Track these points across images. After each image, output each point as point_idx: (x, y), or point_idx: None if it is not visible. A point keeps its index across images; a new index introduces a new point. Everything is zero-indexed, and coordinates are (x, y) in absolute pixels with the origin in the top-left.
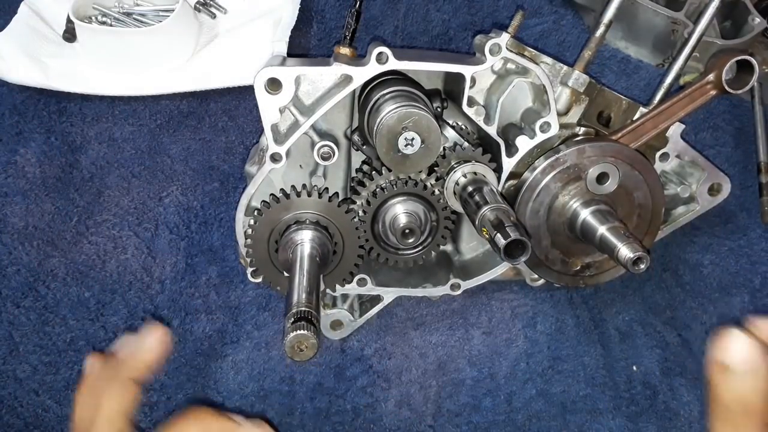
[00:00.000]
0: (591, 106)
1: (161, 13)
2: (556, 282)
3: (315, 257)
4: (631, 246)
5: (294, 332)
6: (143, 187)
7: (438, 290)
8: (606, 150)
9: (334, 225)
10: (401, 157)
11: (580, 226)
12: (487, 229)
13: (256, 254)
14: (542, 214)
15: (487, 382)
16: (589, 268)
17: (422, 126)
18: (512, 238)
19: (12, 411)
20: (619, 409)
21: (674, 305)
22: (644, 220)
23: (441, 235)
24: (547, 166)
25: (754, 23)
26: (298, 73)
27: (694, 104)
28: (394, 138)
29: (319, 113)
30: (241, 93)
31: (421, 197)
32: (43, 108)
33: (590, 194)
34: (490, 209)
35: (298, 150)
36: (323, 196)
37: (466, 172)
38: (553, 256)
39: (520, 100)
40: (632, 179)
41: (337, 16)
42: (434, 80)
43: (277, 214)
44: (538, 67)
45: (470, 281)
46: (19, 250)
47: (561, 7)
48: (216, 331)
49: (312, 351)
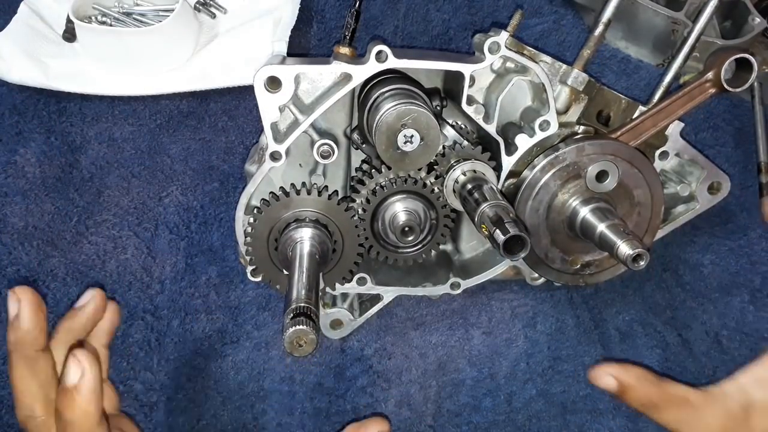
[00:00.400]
0: (590, 105)
1: (161, 13)
2: (556, 280)
3: (314, 255)
4: (630, 243)
5: (293, 327)
6: (143, 187)
7: (438, 289)
8: (605, 148)
9: (333, 223)
10: (400, 154)
11: (580, 224)
12: (486, 225)
13: (256, 253)
14: (542, 212)
15: (487, 382)
16: (589, 266)
17: (421, 123)
18: (511, 233)
19: (12, 411)
20: (619, 410)
21: (674, 305)
22: (644, 218)
23: (440, 234)
24: (547, 164)
25: (754, 23)
26: (297, 71)
27: (693, 102)
28: (393, 135)
29: (318, 112)
30: (241, 93)
31: (420, 195)
32: (43, 108)
33: (590, 192)
34: (489, 206)
35: (298, 149)
36: (323, 194)
37: (465, 170)
38: (553, 254)
39: (519, 98)
40: (632, 177)
41: (337, 16)
42: (434, 79)
43: (277, 212)
44: (537, 66)
45: (470, 280)
46: (19, 250)
47: (561, 7)
48: (216, 331)
49: (311, 346)
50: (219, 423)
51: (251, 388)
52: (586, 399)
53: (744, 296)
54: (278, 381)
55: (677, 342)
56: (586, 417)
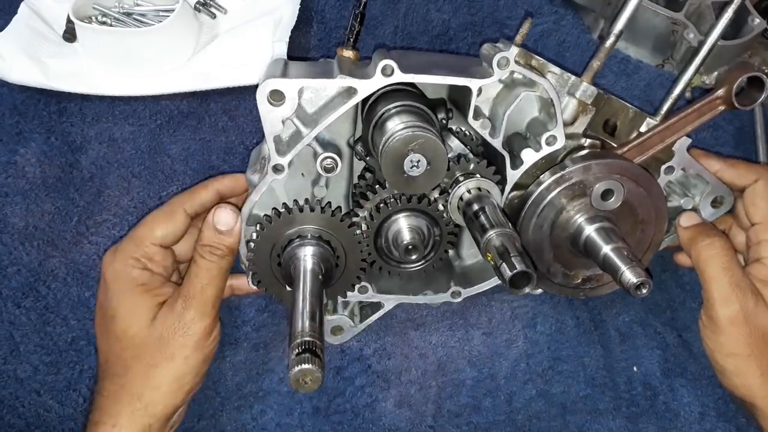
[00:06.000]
0: (597, 114)
1: (161, 13)
2: (557, 294)
3: (317, 274)
4: (634, 270)
5: (299, 366)
6: (143, 187)
7: (439, 297)
8: (612, 168)
9: (336, 239)
10: (406, 178)
11: (584, 243)
12: (492, 256)
13: (259, 267)
14: (546, 228)
15: (487, 383)
16: (590, 281)
17: (428, 148)
18: (518, 270)
19: (13, 411)
20: (620, 410)
21: (674, 306)
22: (647, 235)
23: (444, 249)
24: (553, 183)
25: (754, 23)
26: (301, 85)
27: (702, 119)
28: (399, 160)
29: (322, 125)
30: (241, 93)
31: (424, 213)
32: (43, 108)
33: (594, 210)
34: (496, 234)
35: (301, 159)
36: (326, 210)
37: (470, 188)
38: (555, 269)
39: (526, 110)
40: (636, 196)
41: (337, 16)
42: (439, 89)
43: (279, 229)
44: (546, 81)
45: (471, 289)
46: (20, 250)
47: (561, 7)
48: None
49: (316, 384)
50: (218, 423)
51: (250, 389)
52: (586, 399)
53: None
54: (277, 381)
55: (677, 342)
56: (586, 417)
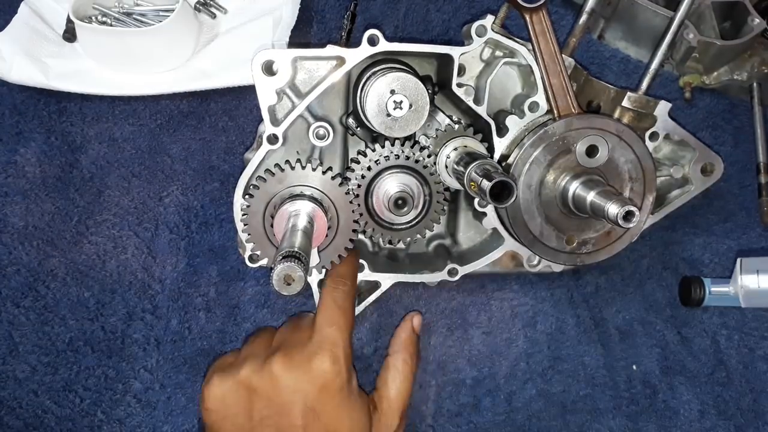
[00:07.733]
0: (580, 96)
1: (161, 13)
2: (552, 260)
3: (309, 229)
4: (619, 201)
5: (282, 264)
6: (143, 187)
7: (436, 276)
8: (593, 122)
9: (328, 199)
10: (391, 120)
11: (572, 198)
12: (474, 181)
13: (252, 229)
14: (534, 188)
15: (486, 382)
16: (585, 244)
17: (410, 88)
18: (497, 179)
19: (11, 412)
20: (619, 409)
21: (674, 304)
22: (637, 193)
23: (434, 210)
24: (536, 140)
25: (753, 23)
26: (294, 54)
27: (543, 35)
28: (382, 101)
29: (314, 94)
30: (241, 93)
31: (413, 170)
32: (43, 108)
33: (581, 168)
34: (476, 165)
35: (295, 136)
36: (318, 169)
37: (457, 146)
38: (548, 232)
39: (509, 86)
40: (622, 152)
41: (337, 16)
42: (426, 68)
43: (273, 188)
44: (523, 47)
45: (468, 266)
46: (19, 249)
47: (561, 7)
48: (216, 331)
49: (300, 284)
50: None
51: None
52: (586, 399)
53: None
54: None
55: (677, 340)
56: (586, 417)
